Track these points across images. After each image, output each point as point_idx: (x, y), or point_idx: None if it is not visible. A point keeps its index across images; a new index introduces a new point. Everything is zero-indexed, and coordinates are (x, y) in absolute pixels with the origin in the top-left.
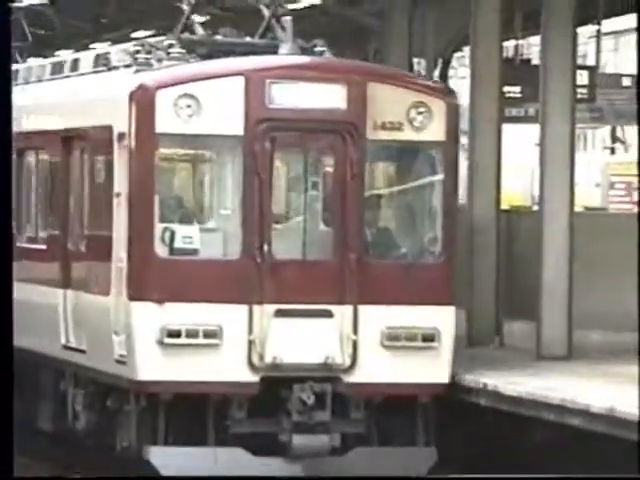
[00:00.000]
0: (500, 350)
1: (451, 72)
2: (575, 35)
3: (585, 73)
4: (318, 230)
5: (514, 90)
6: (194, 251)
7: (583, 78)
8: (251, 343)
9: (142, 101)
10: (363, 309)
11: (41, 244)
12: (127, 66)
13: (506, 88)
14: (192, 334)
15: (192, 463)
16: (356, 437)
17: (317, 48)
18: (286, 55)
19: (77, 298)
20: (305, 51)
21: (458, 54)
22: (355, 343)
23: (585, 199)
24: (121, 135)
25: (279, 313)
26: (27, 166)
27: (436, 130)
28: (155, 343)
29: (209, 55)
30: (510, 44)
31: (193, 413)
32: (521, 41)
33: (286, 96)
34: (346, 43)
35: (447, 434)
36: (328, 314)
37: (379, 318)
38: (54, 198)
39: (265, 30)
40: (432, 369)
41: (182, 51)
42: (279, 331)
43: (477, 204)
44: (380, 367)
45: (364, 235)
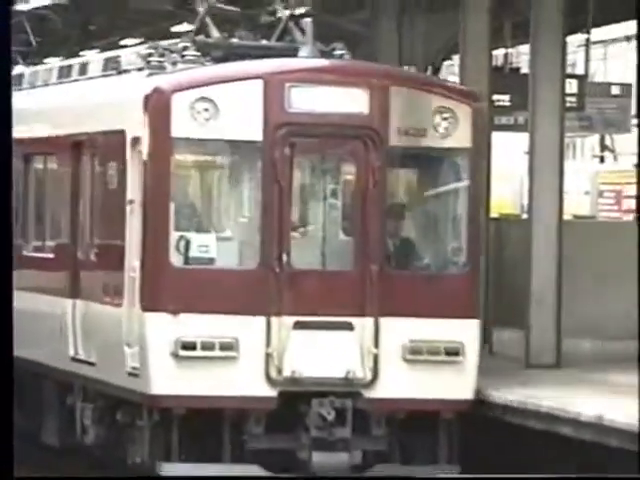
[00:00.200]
0: (489, 358)
1: None
2: (564, 44)
3: (574, 82)
4: (337, 239)
5: (503, 98)
6: (210, 260)
7: (572, 87)
8: (269, 356)
9: (157, 105)
10: (384, 322)
11: (49, 253)
12: (139, 69)
13: (495, 96)
14: (208, 346)
15: None
16: (377, 454)
17: (336, 51)
18: (306, 58)
19: (87, 308)
20: (324, 54)
21: (447, 62)
22: (376, 357)
23: (574, 207)
24: (135, 140)
25: (298, 325)
26: (35, 172)
27: (462, 136)
28: (169, 355)
29: (225, 58)
30: (499, 52)
31: (208, 428)
32: (510, 49)
33: (306, 100)
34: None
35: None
36: (348, 326)
37: (401, 331)
38: (63, 205)
39: (282, 33)
40: (456, 384)
41: (197, 54)
42: (298, 344)
43: None
44: (402, 382)
45: (386, 245)
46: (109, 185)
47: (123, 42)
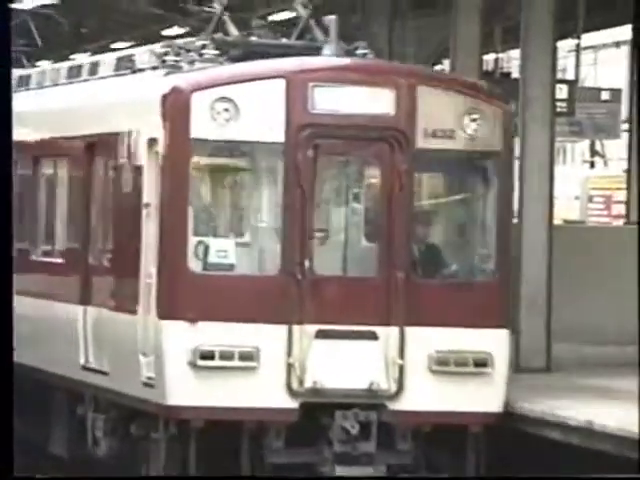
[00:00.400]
0: None
1: None
2: (555, 49)
3: (564, 87)
4: (360, 245)
5: None
6: (229, 266)
7: (562, 92)
8: (290, 366)
9: (176, 105)
10: (410, 331)
11: (58, 258)
12: (153, 68)
13: None
14: (227, 356)
15: None
16: (402, 469)
17: (359, 50)
18: (329, 56)
19: (99, 315)
20: (348, 53)
21: (438, 67)
22: (401, 368)
23: (564, 212)
24: (152, 141)
25: (320, 334)
26: (44, 174)
27: (491, 139)
28: (187, 365)
29: (243, 57)
30: (490, 57)
31: (226, 441)
32: (501, 54)
33: (330, 100)
34: None
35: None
36: (373, 336)
37: (427, 341)
38: (74, 208)
39: (302, 31)
40: (484, 397)
41: (216, 52)
42: (320, 353)
43: None
44: (428, 394)
45: (412, 251)
46: (124, 188)
47: (114, 45)
